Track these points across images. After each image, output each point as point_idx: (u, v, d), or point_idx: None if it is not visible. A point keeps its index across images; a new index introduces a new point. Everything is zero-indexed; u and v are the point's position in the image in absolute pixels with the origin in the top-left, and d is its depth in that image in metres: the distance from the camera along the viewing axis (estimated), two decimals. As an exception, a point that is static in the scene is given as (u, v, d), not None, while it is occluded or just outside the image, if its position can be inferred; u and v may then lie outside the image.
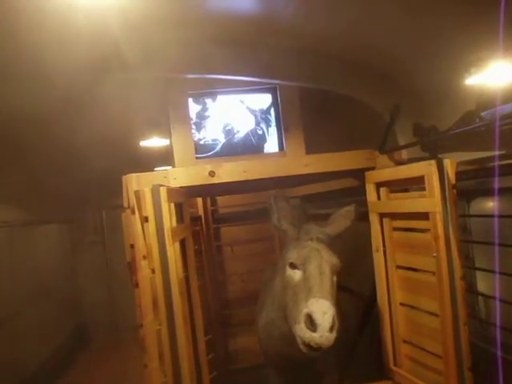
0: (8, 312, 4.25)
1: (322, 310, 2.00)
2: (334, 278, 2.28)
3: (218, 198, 4.63)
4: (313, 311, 2.00)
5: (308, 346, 2.04)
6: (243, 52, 2.62)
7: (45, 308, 5.23)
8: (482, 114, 2.23)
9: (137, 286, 2.31)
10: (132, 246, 2.36)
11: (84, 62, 2.50)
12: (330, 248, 2.36)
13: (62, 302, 6.03)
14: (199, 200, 4.48)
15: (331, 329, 1.98)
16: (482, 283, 2.90)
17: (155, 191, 2.14)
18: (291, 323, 2.19)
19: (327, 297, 2.08)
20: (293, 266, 2.30)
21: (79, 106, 3.31)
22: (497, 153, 2.31)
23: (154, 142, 4.45)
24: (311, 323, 2.00)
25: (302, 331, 2.04)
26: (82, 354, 6.11)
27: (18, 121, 3.36)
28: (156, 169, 3.64)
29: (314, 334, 1.99)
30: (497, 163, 2.37)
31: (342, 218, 2.50)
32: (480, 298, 2.91)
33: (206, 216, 4.48)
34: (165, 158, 3.94)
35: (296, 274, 2.28)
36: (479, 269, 2.85)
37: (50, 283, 5.64)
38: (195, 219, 4.36)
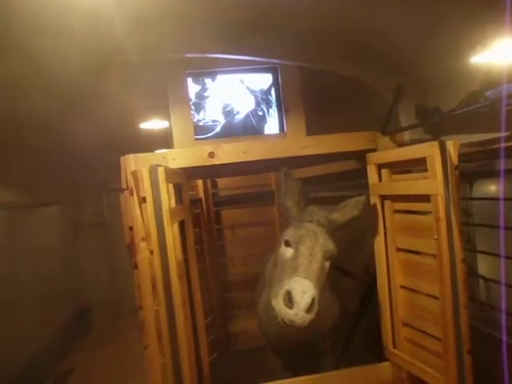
0: (8, 295, 4.27)
1: (302, 290, 2.01)
2: (326, 264, 2.28)
3: (218, 180, 4.60)
4: (293, 288, 2.02)
5: (283, 321, 2.06)
6: (242, 31, 2.57)
7: (45, 291, 5.24)
8: (487, 93, 2.18)
9: (136, 267, 2.31)
10: (131, 228, 2.34)
11: (81, 44, 2.46)
12: (328, 233, 2.35)
13: (63, 285, 6.06)
14: (200, 182, 4.45)
15: (308, 309, 1.99)
16: (483, 266, 2.89)
17: (153, 171, 2.11)
18: (271, 297, 2.20)
19: (311, 278, 2.08)
20: (287, 243, 2.31)
21: (78, 89, 3.27)
22: (501, 134, 2.27)
23: (154, 124, 4.41)
24: (289, 300, 2.01)
25: (278, 305, 2.06)
26: (83, 338, 6.15)
27: (16, 104, 3.33)
28: (157, 151, 3.61)
29: (289, 311, 2.01)
30: (500, 145, 2.34)
31: (349, 208, 2.49)
32: (481, 280, 2.90)
33: (206, 198, 4.46)
34: (166, 140, 3.91)
35: (288, 252, 2.29)
36: (480, 251, 2.84)
37: (50, 266, 5.65)
38: (196, 202, 4.34)
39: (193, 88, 2.90)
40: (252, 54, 2.69)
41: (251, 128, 2.98)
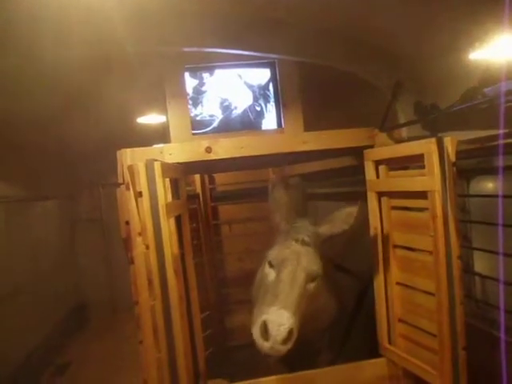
0: (4, 290, 4.26)
1: (279, 322, 1.98)
2: (311, 285, 2.25)
3: (216, 175, 4.58)
4: (269, 320, 1.99)
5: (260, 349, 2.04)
6: (240, 25, 2.55)
7: (42, 286, 5.24)
8: (485, 90, 2.18)
9: (132, 262, 2.30)
10: (127, 223, 2.34)
11: (79, 37, 2.45)
12: (314, 251, 2.31)
13: (59, 280, 6.05)
14: (197, 178, 4.44)
15: (284, 341, 1.97)
16: (479, 263, 2.89)
17: (149, 166, 2.10)
18: (253, 320, 2.17)
19: (290, 307, 2.04)
20: (270, 264, 2.30)
21: (76, 83, 3.25)
22: (499, 131, 2.27)
23: (151, 119, 4.40)
24: (265, 331, 1.99)
25: (255, 335, 2.03)
26: (79, 333, 6.15)
27: (14, 98, 3.32)
28: (154, 146, 3.60)
29: (265, 343, 1.99)
30: (498, 142, 2.33)
31: (339, 221, 2.43)
32: (477, 278, 2.90)
33: (203, 194, 4.44)
34: (164, 135, 3.89)
35: (271, 274, 2.27)
36: (477, 248, 2.84)
37: (47, 260, 5.65)
38: (193, 197, 4.33)
39: (190, 82, 2.88)
40: (250, 49, 2.68)
41: (249, 123, 2.98)
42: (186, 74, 2.88)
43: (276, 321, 1.98)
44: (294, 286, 2.13)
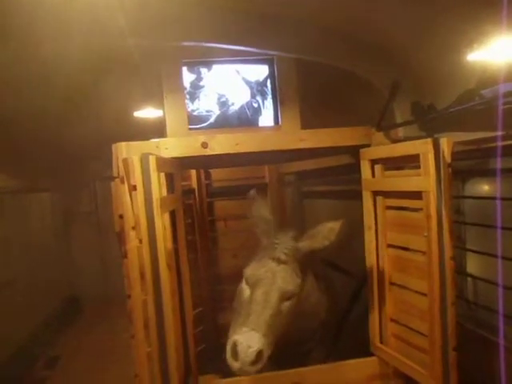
0: (-2, 281, 4.25)
1: (248, 344, 1.98)
2: (286, 303, 2.24)
3: (212, 171, 4.57)
4: (239, 342, 2.00)
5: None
6: (239, 20, 2.54)
7: (35, 278, 5.22)
8: (482, 92, 2.18)
9: (125, 256, 2.29)
10: (121, 217, 2.33)
11: (76, 30, 2.43)
12: (291, 270, 2.30)
13: (53, 273, 6.04)
14: (193, 173, 4.43)
15: (253, 363, 1.98)
16: (472, 264, 2.90)
17: (144, 159, 2.09)
18: (228, 337, 2.18)
19: (260, 328, 2.05)
20: (246, 281, 2.31)
21: (73, 76, 3.23)
22: (495, 134, 2.27)
23: (148, 113, 4.38)
24: (236, 352, 2.00)
25: (227, 354, 2.04)
26: (72, 325, 6.14)
27: (9, 91, 3.30)
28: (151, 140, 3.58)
29: (234, 363, 2.00)
30: (494, 144, 2.34)
31: (321, 237, 2.39)
32: (469, 279, 2.91)
33: (199, 189, 4.43)
34: (161, 129, 3.88)
35: (246, 292, 2.29)
36: (470, 250, 2.85)
37: (40, 253, 5.63)
38: (188, 192, 4.32)
39: (188, 77, 2.86)
40: (249, 45, 2.67)
41: (246, 120, 2.96)
42: (184, 69, 2.86)
43: (245, 343, 1.99)
44: (266, 307, 2.14)
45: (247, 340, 1.99)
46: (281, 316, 2.19)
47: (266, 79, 2.97)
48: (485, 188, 2.78)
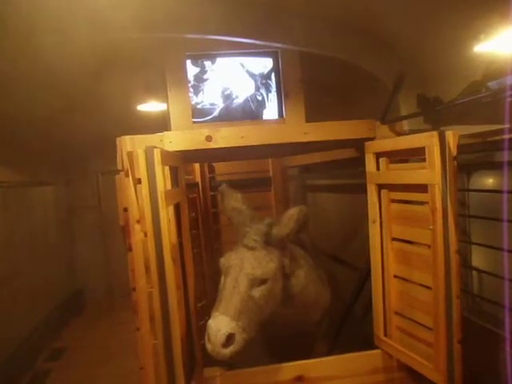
0: (2, 274, 4.26)
1: (217, 327, 2.08)
2: (258, 289, 2.28)
3: (215, 165, 4.57)
4: (209, 326, 2.11)
5: None
6: (243, 12, 2.52)
7: (39, 272, 5.25)
8: (489, 84, 2.16)
9: (130, 249, 2.30)
10: (125, 210, 2.33)
11: (79, 23, 2.42)
12: (263, 255, 2.35)
13: (57, 266, 6.07)
14: (196, 167, 4.43)
15: (224, 345, 2.06)
16: (477, 257, 2.90)
17: (149, 153, 2.09)
18: None
19: (229, 312, 2.13)
20: (221, 270, 2.40)
21: (76, 70, 3.22)
22: (501, 127, 2.26)
23: (152, 107, 4.37)
24: (208, 335, 2.11)
25: (206, 338, 2.14)
26: (76, 318, 6.18)
27: (12, 86, 3.29)
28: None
29: (208, 346, 2.10)
30: (500, 137, 2.32)
31: (283, 223, 2.45)
32: (474, 272, 2.91)
33: (203, 183, 4.43)
34: (164, 123, 3.87)
35: (221, 280, 2.38)
36: (475, 243, 2.84)
37: (44, 246, 5.65)
38: (192, 186, 4.32)
39: (192, 70, 2.85)
40: (253, 37, 2.65)
41: (250, 113, 2.94)
42: (188, 62, 2.84)
43: (215, 326, 2.09)
44: (234, 293, 2.21)
45: (217, 324, 2.09)
46: (254, 300, 2.25)
47: (270, 72, 2.95)
48: (491, 181, 2.77)
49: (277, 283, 2.40)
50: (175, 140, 2.57)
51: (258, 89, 2.98)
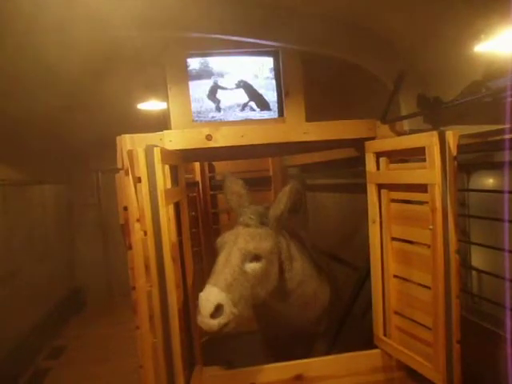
0: (1, 272, 4.27)
1: (206, 297, 2.08)
2: (251, 265, 2.29)
3: (216, 164, 4.58)
4: (200, 296, 2.10)
5: None
6: (244, 11, 2.52)
7: (39, 270, 5.25)
8: (490, 84, 2.16)
9: (130, 248, 2.30)
10: (125, 208, 2.33)
11: (80, 21, 2.42)
12: (258, 233, 2.38)
13: (57, 264, 6.07)
14: (196, 166, 4.44)
15: (213, 315, 2.06)
16: (477, 257, 2.90)
17: (149, 151, 2.09)
18: None
19: (220, 284, 2.13)
20: (217, 249, 2.42)
21: (76, 68, 3.22)
22: (502, 127, 2.26)
23: (152, 105, 4.36)
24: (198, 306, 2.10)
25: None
26: (76, 316, 6.19)
27: (12, 82, 3.29)
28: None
29: (198, 317, 2.09)
30: (501, 137, 2.32)
31: (280, 196, 2.49)
32: (473, 272, 2.91)
33: (203, 182, 4.45)
34: (164, 122, 3.86)
35: (217, 257, 2.37)
36: (474, 243, 2.84)
37: (44, 244, 5.65)
38: (192, 185, 4.33)
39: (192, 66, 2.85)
40: (254, 36, 2.65)
41: (250, 112, 2.94)
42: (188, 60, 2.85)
43: (204, 296, 2.09)
44: (226, 266, 2.22)
45: (207, 294, 2.10)
46: (246, 277, 2.25)
47: (270, 71, 2.95)
48: (491, 181, 2.77)
49: (272, 266, 2.41)
50: (175, 139, 2.58)
51: (258, 88, 2.98)
